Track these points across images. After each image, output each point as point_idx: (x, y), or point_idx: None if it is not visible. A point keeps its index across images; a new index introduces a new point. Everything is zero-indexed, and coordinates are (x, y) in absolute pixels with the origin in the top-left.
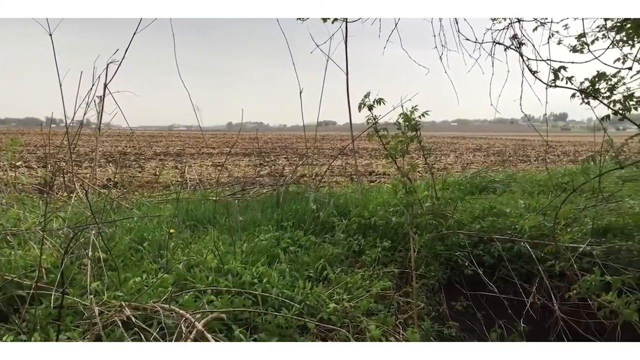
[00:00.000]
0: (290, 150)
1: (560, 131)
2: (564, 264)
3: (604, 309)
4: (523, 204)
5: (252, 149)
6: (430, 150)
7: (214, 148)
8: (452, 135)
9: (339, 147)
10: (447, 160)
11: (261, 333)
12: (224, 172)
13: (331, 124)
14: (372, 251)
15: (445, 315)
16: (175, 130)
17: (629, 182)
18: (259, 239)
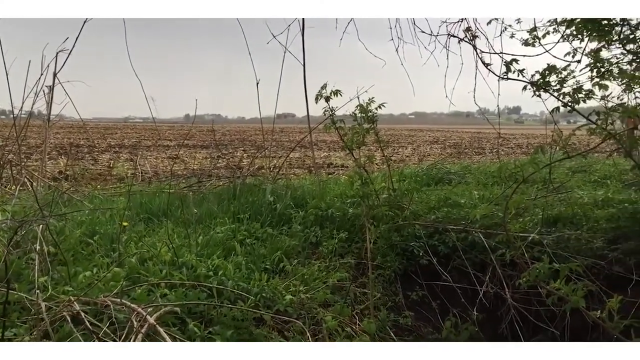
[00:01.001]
0: (249, 143)
1: (514, 124)
2: (514, 252)
3: (553, 296)
4: (477, 195)
5: (209, 141)
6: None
7: (171, 140)
8: (410, 127)
9: (298, 139)
10: (404, 152)
11: (216, 326)
12: (181, 164)
13: (290, 117)
14: (329, 242)
15: (401, 305)
16: (130, 122)
17: (578, 174)
18: (214, 232)
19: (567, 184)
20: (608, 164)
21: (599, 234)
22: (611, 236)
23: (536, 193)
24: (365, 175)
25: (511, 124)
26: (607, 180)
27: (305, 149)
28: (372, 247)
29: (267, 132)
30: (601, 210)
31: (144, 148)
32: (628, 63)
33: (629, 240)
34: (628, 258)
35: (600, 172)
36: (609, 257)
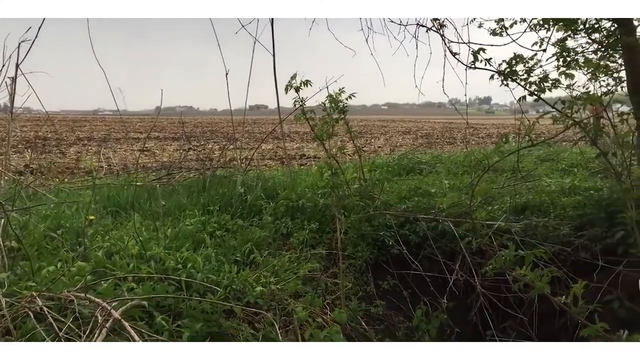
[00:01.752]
0: (220, 135)
1: (484, 114)
2: (481, 240)
3: (519, 283)
4: (447, 184)
5: (180, 133)
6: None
7: (141, 132)
8: (383, 118)
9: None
10: (377, 142)
11: (185, 319)
12: (151, 156)
13: (263, 108)
14: (299, 233)
15: (372, 295)
16: (100, 115)
17: (546, 162)
18: (183, 224)
19: (535, 172)
20: (575, 153)
21: (565, 221)
22: (577, 223)
23: (504, 182)
24: (335, 166)
25: (482, 114)
26: (574, 169)
27: (278, 140)
28: (343, 238)
29: (239, 124)
30: (568, 198)
31: (113, 141)
32: (593, 52)
33: (595, 227)
34: (594, 244)
35: (567, 160)
36: (575, 243)
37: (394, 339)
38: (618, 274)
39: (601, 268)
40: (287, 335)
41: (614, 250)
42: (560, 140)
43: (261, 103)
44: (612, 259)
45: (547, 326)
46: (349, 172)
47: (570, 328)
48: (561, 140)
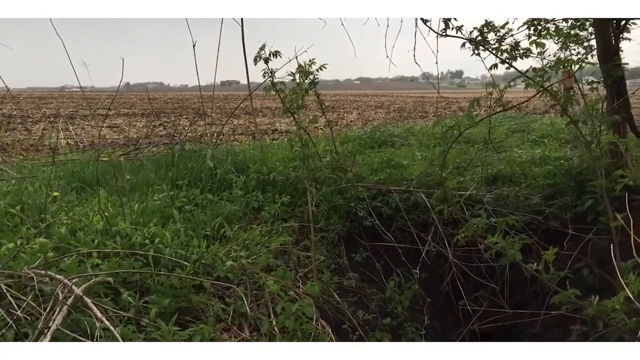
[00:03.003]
0: (192, 110)
1: (456, 88)
2: (452, 208)
3: (491, 250)
4: (419, 156)
5: (150, 109)
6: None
7: (110, 109)
8: (355, 93)
9: (243, 106)
10: (350, 117)
11: (153, 295)
12: (119, 132)
13: (235, 84)
14: (271, 207)
15: (345, 267)
16: (67, 92)
17: (516, 133)
18: (151, 199)
19: (506, 143)
20: (545, 124)
21: (536, 190)
22: (548, 192)
23: (476, 153)
24: (306, 137)
25: (454, 88)
26: (544, 139)
27: (249, 115)
28: (315, 210)
29: (209, 100)
30: (539, 168)
31: (80, 117)
32: (564, 20)
33: (565, 196)
34: (564, 213)
35: (538, 131)
36: (546, 212)
37: (367, 310)
38: (587, 242)
39: (571, 236)
40: (259, 309)
41: (584, 218)
42: (531, 112)
43: (232, 79)
44: (581, 227)
45: (518, 295)
46: (320, 145)
47: (540, 296)
48: (532, 111)
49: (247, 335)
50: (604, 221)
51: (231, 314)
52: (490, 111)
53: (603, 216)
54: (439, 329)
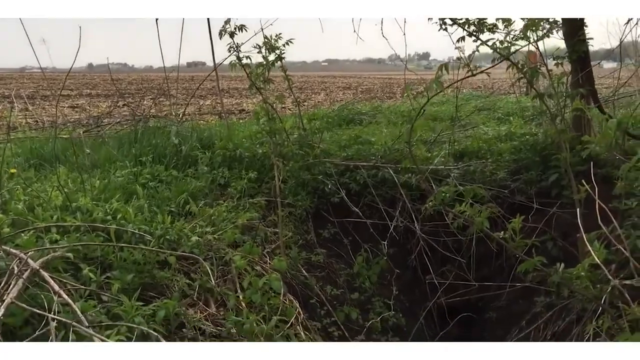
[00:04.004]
0: (156, 92)
1: (423, 70)
2: (420, 176)
3: (458, 220)
4: (387, 133)
5: (114, 90)
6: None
7: (72, 90)
8: (323, 74)
9: (209, 87)
10: (317, 97)
11: (115, 271)
12: (82, 112)
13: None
14: (237, 183)
15: (313, 243)
16: (27, 73)
17: (483, 111)
18: (114, 176)
19: (472, 120)
20: (511, 102)
21: (502, 165)
22: (514, 167)
23: (443, 129)
24: (272, 111)
25: (421, 69)
26: (510, 117)
27: (216, 96)
28: (283, 187)
29: (175, 80)
30: (504, 144)
31: (41, 98)
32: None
33: (530, 170)
34: (529, 187)
35: (504, 109)
36: (511, 187)
37: (335, 286)
38: (552, 216)
39: (536, 210)
40: (225, 284)
41: (548, 192)
42: (497, 92)
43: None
44: (546, 201)
45: (484, 269)
46: (288, 122)
47: (506, 269)
48: (497, 91)
49: (213, 310)
50: (568, 195)
51: (197, 290)
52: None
53: (567, 190)
54: (406, 303)
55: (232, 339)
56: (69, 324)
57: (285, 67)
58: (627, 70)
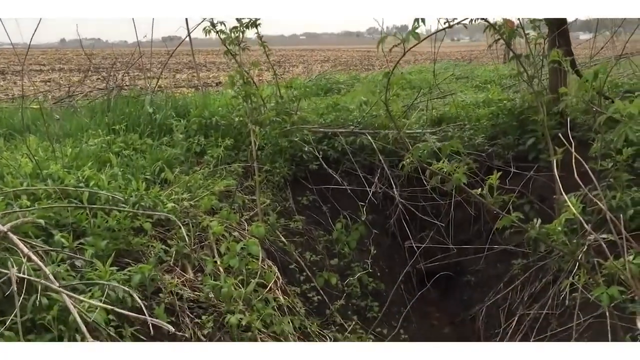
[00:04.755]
0: (133, 66)
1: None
2: (397, 133)
3: (435, 177)
4: (365, 100)
5: (88, 65)
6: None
7: (44, 65)
8: (302, 48)
9: (185, 61)
10: (296, 70)
11: (89, 237)
12: (55, 86)
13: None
14: (213, 150)
15: (291, 211)
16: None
17: (461, 79)
18: (86, 144)
19: (450, 87)
20: (489, 70)
21: (480, 131)
22: (491, 133)
23: (421, 96)
24: (246, 75)
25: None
26: (488, 85)
27: (192, 70)
28: (260, 154)
29: (151, 55)
30: (482, 109)
31: (12, 73)
32: None
33: (507, 135)
34: (506, 152)
35: (482, 77)
36: (489, 151)
37: (314, 252)
38: (529, 179)
39: (513, 174)
40: (203, 250)
41: (526, 157)
42: (476, 58)
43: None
44: (523, 165)
45: (463, 234)
46: (265, 91)
47: (484, 234)
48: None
49: (191, 276)
50: (545, 159)
51: (173, 256)
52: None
53: (544, 154)
54: (385, 268)
55: (209, 302)
56: (37, 283)
57: (261, 35)
58: (604, 40)
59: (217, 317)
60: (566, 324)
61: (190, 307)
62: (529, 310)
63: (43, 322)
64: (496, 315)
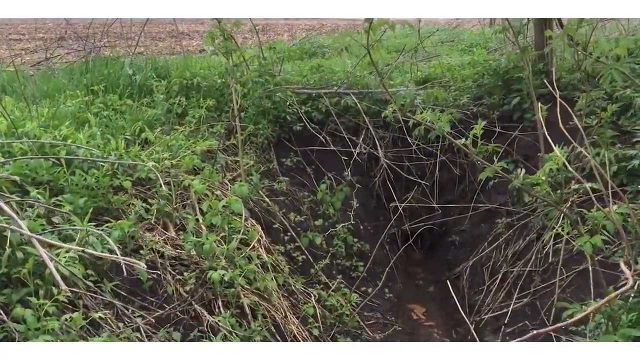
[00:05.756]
0: (114, 35)
1: None
2: (381, 77)
3: (419, 128)
4: (350, 63)
5: (68, 34)
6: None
7: (24, 35)
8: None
9: (168, 30)
10: (281, 38)
11: (67, 194)
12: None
13: None
14: (195, 111)
15: (275, 172)
16: None
17: (447, 43)
18: (64, 105)
19: (436, 50)
20: (475, 34)
21: (465, 92)
22: (476, 93)
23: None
24: (227, 31)
25: None
26: (474, 49)
27: (175, 38)
28: (243, 115)
29: (133, 24)
30: (468, 70)
31: None
32: None
33: (492, 95)
34: (491, 112)
35: (467, 41)
36: (474, 111)
37: (298, 213)
38: (514, 139)
39: (498, 134)
40: (185, 209)
41: (510, 116)
42: (461, 23)
43: None
44: (508, 125)
45: (447, 194)
46: (247, 53)
47: (468, 194)
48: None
49: (172, 234)
50: (530, 118)
51: (155, 214)
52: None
53: (528, 113)
54: (371, 230)
55: (191, 259)
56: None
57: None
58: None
59: (199, 274)
60: (549, 280)
61: (172, 265)
62: (512, 268)
63: (19, 275)
64: (480, 273)
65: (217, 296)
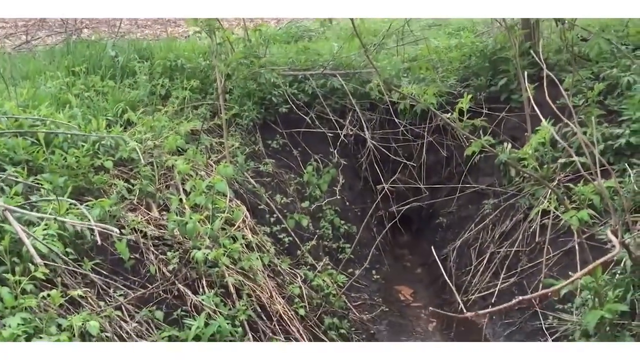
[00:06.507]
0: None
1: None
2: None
3: (404, 102)
4: (337, 47)
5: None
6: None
7: (7, 22)
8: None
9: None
10: (267, 23)
11: (46, 174)
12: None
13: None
14: (179, 92)
15: (261, 154)
16: None
17: (434, 27)
18: (44, 86)
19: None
20: (462, 18)
21: (452, 73)
22: (463, 75)
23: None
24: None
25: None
26: (461, 32)
27: (161, 25)
28: (229, 97)
29: None
30: (455, 52)
31: None
32: None
33: (479, 76)
34: (478, 93)
35: (455, 25)
36: (461, 92)
37: (284, 195)
38: (501, 120)
39: (485, 115)
40: (169, 190)
41: (497, 97)
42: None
43: None
44: (495, 107)
45: (435, 176)
46: (232, 37)
47: (456, 175)
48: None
49: (155, 214)
50: (517, 99)
51: (137, 195)
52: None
53: (515, 94)
54: (358, 212)
55: (174, 239)
56: None
57: None
58: None
59: (183, 254)
60: (536, 260)
61: (155, 245)
62: (499, 249)
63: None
64: (467, 254)
65: (201, 275)
